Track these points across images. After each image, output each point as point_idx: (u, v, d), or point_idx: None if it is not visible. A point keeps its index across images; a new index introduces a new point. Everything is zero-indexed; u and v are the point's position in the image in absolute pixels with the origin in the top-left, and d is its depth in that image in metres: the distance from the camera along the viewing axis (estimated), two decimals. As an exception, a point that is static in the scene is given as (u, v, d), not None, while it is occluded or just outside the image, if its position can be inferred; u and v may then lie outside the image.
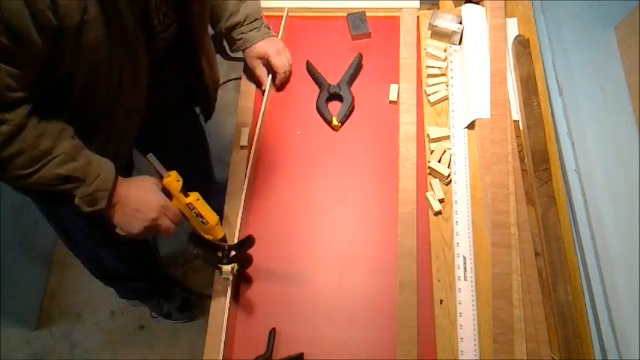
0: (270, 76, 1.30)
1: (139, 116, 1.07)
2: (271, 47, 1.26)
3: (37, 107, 0.88)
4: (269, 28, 1.28)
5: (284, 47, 1.29)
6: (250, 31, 1.24)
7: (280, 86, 1.32)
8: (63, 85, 0.90)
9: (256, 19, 1.25)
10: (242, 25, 1.23)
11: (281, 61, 1.27)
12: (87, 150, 0.95)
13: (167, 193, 1.01)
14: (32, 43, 0.79)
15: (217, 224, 1.05)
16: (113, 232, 1.02)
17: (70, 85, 0.91)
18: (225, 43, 1.31)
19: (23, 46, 0.79)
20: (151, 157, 1.00)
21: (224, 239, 1.07)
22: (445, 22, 1.30)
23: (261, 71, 1.29)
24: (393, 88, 1.28)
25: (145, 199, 0.99)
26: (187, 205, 1.01)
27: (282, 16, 1.38)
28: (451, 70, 1.29)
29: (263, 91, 1.29)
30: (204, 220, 1.02)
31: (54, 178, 0.91)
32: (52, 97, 0.91)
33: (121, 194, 0.98)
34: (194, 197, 1.02)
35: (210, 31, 1.24)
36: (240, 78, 1.36)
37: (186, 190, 1.02)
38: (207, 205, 1.04)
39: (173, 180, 1.01)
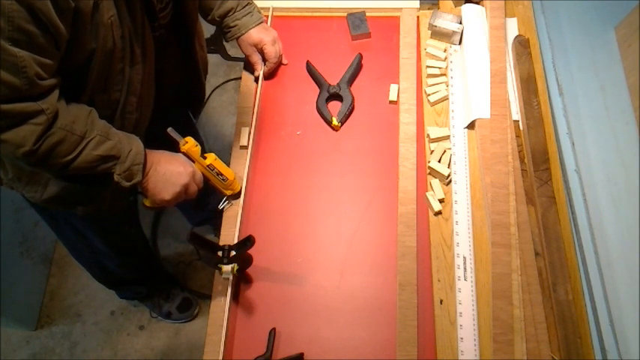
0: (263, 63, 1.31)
1: (149, 107, 1.10)
2: (267, 36, 1.27)
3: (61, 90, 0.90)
4: (260, 12, 1.28)
5: (277, 37, 1.30)
6: (244, 16, 1.25)
7: (268, 75, 1.33)
8: (79, 74, 0.92)
9: (248, 4, 1.26)
10: (235, 12, 1.24)
11: (275, 50, 1.29)
12: (114, 128, 0.99)
13: (187, 158, 1.09)
14: (55, 28, 0.80)
15: (234, 178, 1.14)
16: (139, 208, 1.09)
17: (87, 71, 0.92)
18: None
19: (48, 32, 0.80)
20: (171, 130, 1.06)
21: (240, 193, 1.16)
22: (445, 22, 1.31)
23: (257, 58, 1.30)
24: (393, 88, 1.28)
25: (174, 166, 1.06)
26: (208, 166, 1.10)
27: (267, 16, 1.39)
28: (451, 70, 1.29)
29: (256, 78, 1.31)
30: (224, 177, 1.12)
31: (93, 159, 0.94)
32: (69, 88, 0.92)
33: (152, 165, 1.03)
34: (212, 158, 1.11)
35: (210, 31, 1.25)
36: (240, 78, 1.36)
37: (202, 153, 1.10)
38: (223, 163, 1.13)
39: (192, 145, 1.08)
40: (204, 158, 1.10)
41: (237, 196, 1.17)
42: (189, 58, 1.24)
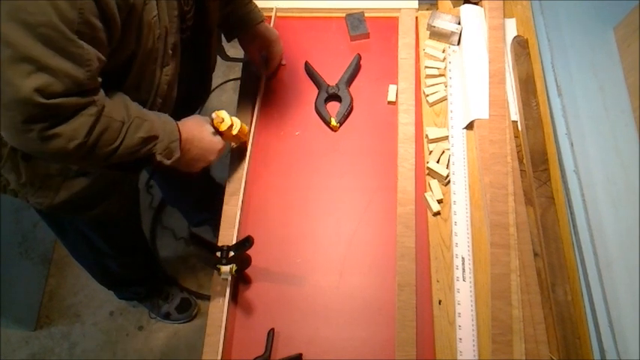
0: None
1: (170, 108, 1.09)
2: (270, 35, 1.27)
3: None
4: (260, 11, 1.27)
5: (279, 36, 1.30)
6: (246, 15, 1.23)
7: (270, 75, 1.32)
8: (117, 74, 0.91)
9: (249, 3, 1.24)
10: (237, 11, 1.22)
11: (277, 50, 1.28)
12: (144, 108, 0.98)
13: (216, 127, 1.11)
14: (114, 24, 0.80)
15: (247, 131, 1.21)
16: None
17: (124, 72, 0.92)
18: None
19: (109, 27, 0.80)
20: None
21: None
22: (444, 22, 1.30)
23: (259, 57, 1.29)
24: (392, 88, 1.28)
25: (205, 144, 1.08)
26: (234, 135, 1.14)
27: (270, 16, 1.39)
28: (450, 70, 1.29)
29: (256, 78, 1.31)
30: (242, 136, 1.18)
31: (136, 143, 0.93)
32: (104, 87, 0.91)
33: (185, 140, 1.02)
34: (237, 127, 1.13)
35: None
36: (239, 78, 1.36)
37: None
38: (243, 125, 1.16)
39: (226, 126, 1.10)
40: (231, 127, 1.12)
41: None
42: (204, 58, 1.22)
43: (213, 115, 1.10)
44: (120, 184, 1.18)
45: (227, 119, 1.10)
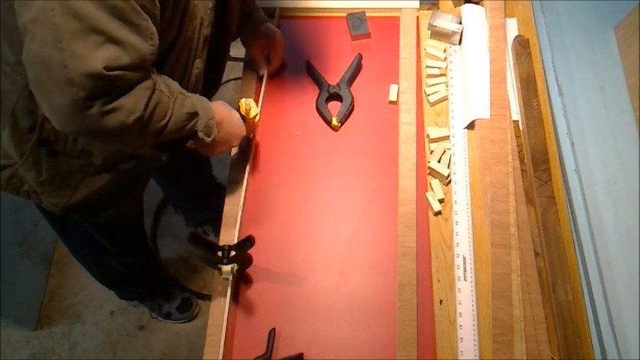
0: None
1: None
2: (272, 35, 1.26)
3: None
4: (262, 12, 1.28)
5: (281, 36, 1.30)
6: (248, 15, 1.23)
7: (271, 74, 1.32)
8: (154, 63, 0.90)
9: (252, 3, 1.24)
10: (240, 11, 1.20)
11: (279, 50, 1.28)
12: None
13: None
14: (168, 3, 0.81)
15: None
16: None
17: (163, 60, 0.91)
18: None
19: (163, 6, 0.80)
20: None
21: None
22: (445, 22, 1.31)
23: (261, 57, 1.29)
24: (393, 88, 1.28)
25: (233, 127, 1.08)
26: (254, 124, 1.16)
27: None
28: (451, 70, 1.29)
29: (259, 78, 1.31)
30: (257, 126, 1.20)
31: (183, 119, 0.92)
32: None
33: (216, 121, 1.01)
34: (257, 116, 1.15)
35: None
36: (240, 78, 1.36)
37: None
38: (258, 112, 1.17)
39: (249, 109, 1.11)
40: (255, 116, 1.14)
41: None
42: (219, 56, 1.21)
43: (243, 101, 1.10)
44: (138, 182, 1.17)
45: (254, 108, 1.11)
